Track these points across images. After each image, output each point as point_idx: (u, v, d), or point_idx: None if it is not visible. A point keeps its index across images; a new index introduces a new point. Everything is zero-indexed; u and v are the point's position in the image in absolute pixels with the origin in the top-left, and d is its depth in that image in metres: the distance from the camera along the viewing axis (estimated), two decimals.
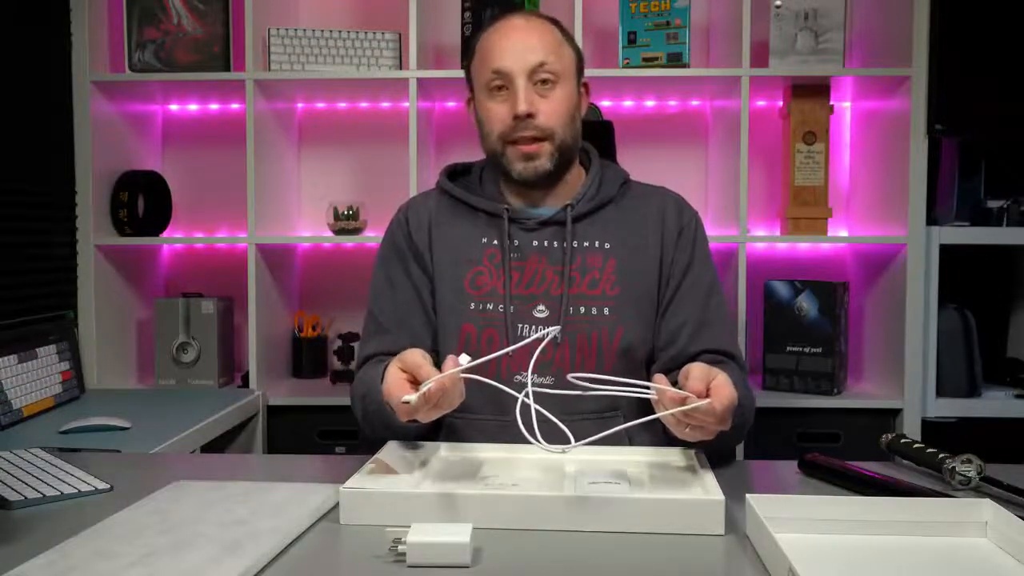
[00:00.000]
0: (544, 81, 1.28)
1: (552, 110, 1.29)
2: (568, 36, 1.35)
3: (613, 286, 1.32)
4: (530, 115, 1.27)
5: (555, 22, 1.35)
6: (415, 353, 1.08)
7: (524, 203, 1.37)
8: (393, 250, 1.40)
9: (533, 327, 1.30)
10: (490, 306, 1.31)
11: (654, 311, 1.35)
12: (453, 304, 1.33)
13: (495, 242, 1.34)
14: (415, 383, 1.05)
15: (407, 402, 1.01)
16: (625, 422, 1.27)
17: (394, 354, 1.32)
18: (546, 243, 1.34)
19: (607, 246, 1.34)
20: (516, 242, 1.34)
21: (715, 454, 1.16)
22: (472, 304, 1.32)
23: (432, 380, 1.01)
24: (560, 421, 1.28)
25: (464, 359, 1.02)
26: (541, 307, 1.31)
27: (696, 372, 1.05)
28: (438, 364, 1.21)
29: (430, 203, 1.41)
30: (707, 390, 1.03)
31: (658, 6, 2.13)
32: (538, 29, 1.31)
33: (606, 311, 1.31)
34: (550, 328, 1.10)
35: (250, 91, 2.15)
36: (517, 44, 1.29)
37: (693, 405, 1.00)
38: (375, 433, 1.27)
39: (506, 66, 1.28)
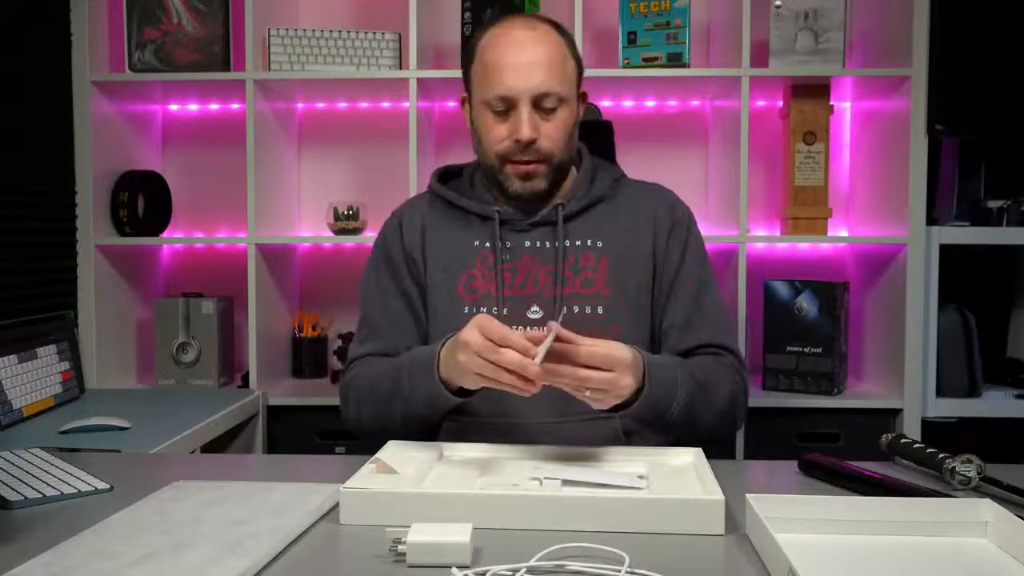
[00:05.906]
0: (548, 108, 1.28)
1: (553, 134, 1.28)
2: (571, 43, 1.33)
3: (606, 285, 1.32)
4: (531, 140, 1.27)
5: (557, 27, 1.32)
6: (494, 320, 1.08)
7: (515, 205, 1.36)
8: (384, 258, 1.40)
9: (527, 329, 1.29)
10: (484, 309, 1.30)
11: (648, 308, 1.35)
12: (447, 309, 1.33)
13: (487, 244, 1.34)
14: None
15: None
16: (620, 423, 1.28)
17: (388, 355, 1.33)
18: (538, 243, 1.34)
19: (599, 244, 1.34)
20: (508, 244, 1.34)
21: (687, 439, 1.21)
22: (466, 308, 1.32)
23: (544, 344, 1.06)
24: (551, 423, 1.29)
25: (553, 325, 1.07)
26: (535, 308, 1.32)
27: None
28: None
29: (423, 207, 1.41)
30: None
31: (658, 6, 2.13)
32: (543, 44, 1.28)
33: (600, 310, 1.31)
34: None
35: (250, 91, 2.15)
36: (522, 66, 1.25)
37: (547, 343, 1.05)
38: (377, 422, 1.28)
39: (511, 93, 1.26)
